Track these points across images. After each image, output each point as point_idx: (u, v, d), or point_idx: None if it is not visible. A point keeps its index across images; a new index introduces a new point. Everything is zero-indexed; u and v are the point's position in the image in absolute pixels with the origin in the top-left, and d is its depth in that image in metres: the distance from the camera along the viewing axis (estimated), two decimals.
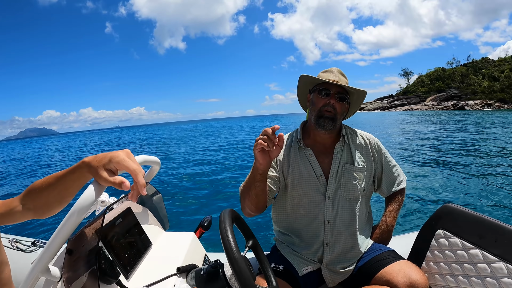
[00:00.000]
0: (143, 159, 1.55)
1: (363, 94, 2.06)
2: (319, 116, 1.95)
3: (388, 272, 1.84)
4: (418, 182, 10.43)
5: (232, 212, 1.41)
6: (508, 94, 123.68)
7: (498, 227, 1.56)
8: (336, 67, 2.07)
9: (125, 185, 0.89)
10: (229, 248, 1.20)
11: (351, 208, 2.01)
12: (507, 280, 1.46)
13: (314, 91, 2.01)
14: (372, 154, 2.11)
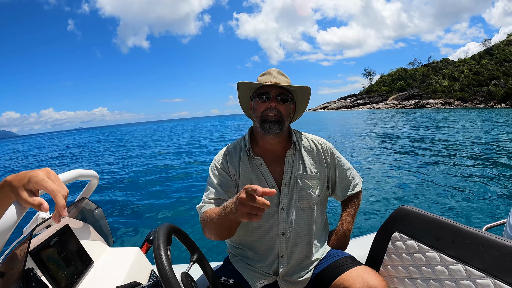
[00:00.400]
0: (78, 174, 1.46)
1: (307, 91, 1.97)
2: (263, 120, 1.85)
3: (346, 278, 1.81)
4: (376, 183, 10.58)
5: (170, 227, 1.35)
6: (468, 93, 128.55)
7: (455, 228, 1.55)
8: (275, 68, 1.97)
9: (44, 207, 0.85)
10: (160, 266, 1.15)
11: (306, 218, 1.95)
12: (465, 282, 1.45)
13: (254, 97, 1.91)
14: (324, 159, 2.05)
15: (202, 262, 1.54)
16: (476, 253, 1.44)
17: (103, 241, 1.81)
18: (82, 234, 1.64)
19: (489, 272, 1.37)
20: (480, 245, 1.42)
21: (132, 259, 1.67)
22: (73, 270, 1.39)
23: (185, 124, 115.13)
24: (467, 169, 11.96)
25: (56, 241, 1.38)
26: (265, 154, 1.97)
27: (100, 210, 1.89)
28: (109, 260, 1.66)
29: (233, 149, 2.01)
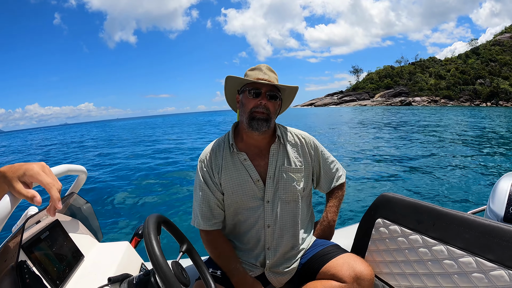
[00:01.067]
0: (66, 169, 1.46)
1: (295, 90, 2.01)
2: (251, 118, 1.87)
3: (333, 266, 1.85)
4: (358, 174, 10.70)
5: (159, 217, 1.37)
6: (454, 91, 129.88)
7: (435, 211, 1.61)
8: (265, 64, 1.99)
9: (37, 200, 0.86)
10: (152, 253, 1.16)
11: (291, 210, 1.99)
12: (448, 262, 1.51)
13: (243, 92, 1.92)
14: (308, 153, 2.08)
15: (191, 253, 1.56)
16: (456, 233, 1.50)
17: (92, 236, 1.83)
18: (72, 229, 1.65)
19: (470, 250, 1.43)
20: (460, 225, 1.49)
21: (122, 253, 1.68)
22: (64, 264, 1.40)
23: (173, 119, 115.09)
24: (449, 159, 12.23)
25: (47, 235, 1.39)
26: (249, 149, 2.00)
27: (89, 206, 1.89)
28: (99, 254, 1.67)
29: (217, 147, 2.04)
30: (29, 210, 1.67)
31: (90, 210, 1.90)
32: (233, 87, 2.02)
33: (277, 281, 2.00)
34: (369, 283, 1.78)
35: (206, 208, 1.95)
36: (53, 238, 1.41)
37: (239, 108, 1.98)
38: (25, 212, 1.66)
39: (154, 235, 1.22)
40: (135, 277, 1.40)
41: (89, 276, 1.45)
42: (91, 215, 1.90)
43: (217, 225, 1.98)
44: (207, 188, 1.95)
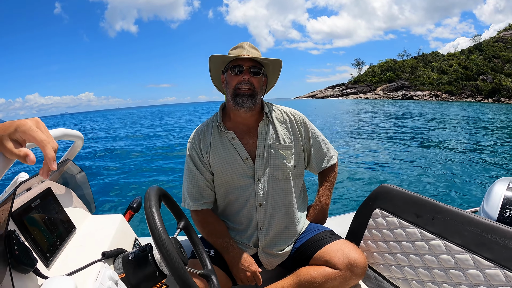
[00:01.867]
0: (63, 133, 1.41)
1: (278, 64, 1.98)
2: (236, 94, 1.87)
3: (327, 252, 1.87)
4: (357, 163, 10.69)
5: (159, 189, 1.33)
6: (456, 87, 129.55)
7: (435, 206, 1.63)
8: (247, 42, 1.99)
9: (30, 158, 0.79)
10: (154, 228, 1.12)
11: (283, 188, 1.99)
12: (445, 257, 1.54)
13: (227, 70, 1.93)
14: (298, 130, 2.07)
15: (189, 230, 1.53)
16: (455, 230, 1.52)
17: (85, 208, 1.78)
18: (64, 200, 1.60)
19: (468, 247, 1.46)
20: (460, 222, 1.51)
21: (115, 226, 1.63)
22: (55, 235, 1.34)
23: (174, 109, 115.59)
24: (449, 155, 12.18)
25: (38, 203, 1.33)
26: (237, 128, 2.00)
27: (83, 175, 1.85)
28: (91, 227, 1.63)
29: (206, 127, 2.04)
30: (19, 176, 1.63)
31: (84, 179, 1.86)
32: (217, 68, 2.02)
33: (269, 263, 2.01)
34: (362, 271, 1.79)
35: (194, 188, 1.96)
36: (44, 207, 1.36)
37: (224, 87, 1.99)
38: (15, 178, 1.61)
39: (156, 208, 1.18)
40: (130, 253, 1.37)
41: (81, 249, 1.39)
42: (85, 185, 1.85)
43: (206, 204, 1.99)
44: (195, 169, 1.96)
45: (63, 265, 1.26)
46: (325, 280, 1.78)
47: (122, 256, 1.38)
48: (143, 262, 1.32)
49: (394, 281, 1.81)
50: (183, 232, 1.52)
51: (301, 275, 1.86)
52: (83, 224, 1.63)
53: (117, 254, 1.39)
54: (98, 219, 1.72)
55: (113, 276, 1.20)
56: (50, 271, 1.20)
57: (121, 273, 1.31)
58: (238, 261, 1.88)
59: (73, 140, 1.71)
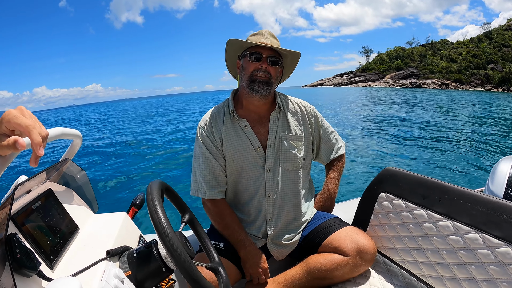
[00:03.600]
0: (60, 132, 1.39)
1: (297, 56, 1.96)
2: (252, 80, 1.84)
3: (335, 239, 1.86)
4: (361, 150, 10.68)
5: (162, 183, 1.30)
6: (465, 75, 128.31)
7: (441, 186, 1.61)
8: (267, 29, 1.94)
9: (19, 143, 0.77)
10: (157, 222, 1.09)
11: (292, 179, 1.98)
12: (454, 237, 1.51)
13: (244, 56, 1.89)
14: (308, 122, 2.06)
15: (193, 223, 1.51)
16: (463, 209, 1.49)
17: (87, 207, 1.77)
18: (65, 200, 1.59)
19: (477, 226, 1.43)
20: (467, 201, 1.48)
21: (119, 224, 1.63)
22: (58, 236, 1.33)
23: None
24: (453, 141, 12.09)
25: (39, 205, 1.32)
26: (249, 116, 1.97)
27: (84, 174, 1.83)
28: (95, 226, 1.62)
29: (217, 113, 2.00)
30: (19, 179, 1.62)
31: (85, 178, 1.84)
32: (234, 52, 1.98)
33: (279, 253, 1.99)
34: (371, 257, 1.78)
35: (210, 175, 1.92)
36: (45, 209, 1.35)
37: (239, 73, 1.95)
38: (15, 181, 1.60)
39: (159, 202, 1.15)
40: (135, 250, 1.36)
41: (85, 249, 1.39)
42: (86, 184, 1.84)
43: (222, 193, 1.96)
44: (209, 155, 1.92)
45: (68, 266, 1.25)
46: (335, 267, 1.77)
47: (127, 254, 1.36)
48: (148, 258, 1.30)
49: (403, 264, 1.79)
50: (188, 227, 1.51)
51: (310, 263, 1.84)
52: (86, 223, 1.62)
53: (122, 251, 1.38)
54: (101, 217, 1.72)
55: (118, 274, 1.19)
56: (54, 273, 1.19)
57: (127, 271, 1.30)
58: (252, 257, 1.86)
59: (71, 139, 1.69)
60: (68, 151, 1.77)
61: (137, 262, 1.31)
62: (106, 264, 1.25)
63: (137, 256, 1.33)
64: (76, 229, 1.49)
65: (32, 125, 0.78)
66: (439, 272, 1.59)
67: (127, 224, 1.69)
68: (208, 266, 1.36)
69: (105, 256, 1.29)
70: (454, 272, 1.52)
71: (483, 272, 1.41)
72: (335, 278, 1.80)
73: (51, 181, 1.62)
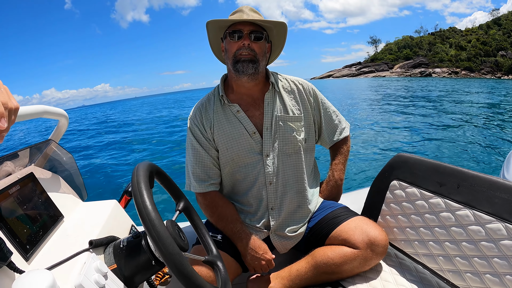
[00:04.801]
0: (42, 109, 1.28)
1: (282, 27, 1.82)
2: (236, 61, 1.72)
3: (344, 230, 1.76)
4: (370, 135, 10.62)
5: (151, 165, 1.17)
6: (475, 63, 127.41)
7: (459, 172, 1.49)
8: (248, 6, 1.82)
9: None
10: (141, 206, 0.95)
11: (294, 164, 1.86)
12: (474, 228, 1.40)
13: (226, 37, 1.77)
14: (307, 100, 1.92)
15: (189, 212, 1.37)
16: (484, 197, 1.37)
17: (75, 194, 1.66)
18: (51, 186, 1.49)
19: (499, 215, 1.32)
20: (489, 188, 1.36)
21: (108, 212, 1.51)
22: (38, 225, 1.22)
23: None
24: (466, 126, 11.98)
25: (16, 190, 1.21)
26: (241, 100, 1.86)
27: (71, 157, 1.72)
28: (82, 214, 1.50)
29: (207, 101, 1.90)
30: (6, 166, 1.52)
31: (72, 163, 1.73)
32: (216, 35, 1.87)
33: (282, 246, 1.89)
34: (383, 250, 1.67)
35: (199, 168, 1.83)
36: (24, 194, 1.23)
37: (224, 56, 1.84)
38: None
39: (145, 185, 1.00)
40: (122, 240, 1.23)
41: (67, 239, 1.27)
42: (74, 169, 1.73)
43: (213, 186, 1.85)
44: (199, 147, 1.82)
45: (47, 257, 1.14)
46: (344, 261, 1.67)
47: (114, 245, 1.25)
48: (136, 250, 1.18)
49: (417, 258, 1.68)
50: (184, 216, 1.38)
51: (317, 257, 1.74)
52: (73, 212, 1.51)
53: (107, 242, 1.27)
54: (89, 206, 1.60)
55: (100, 267, 1.07)
56: (30, 264, 1.08)
57: (112, 264, 1.19)
58: (252, 249, 1.75)
59: (57, 119, 1.57)
60: (54, 133, 1.67)
61: (123, 254, 1.20)
62: (88, 255, 1.13)
63: (124, 247, 1.21)
64: (60, 218, 1.37)
65: None
66: (458, 265, 1.47)
67: (116, 213, 1.57)
68: (204, 260, 1.23)
69: (87, 247, 1.17)
70: (475, 265, 1.40)
71: (507, 265, 1.29)
72: (344, 272, 1.70)
73: (35, 165, 1.52)
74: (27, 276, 0.85)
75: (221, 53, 1.92)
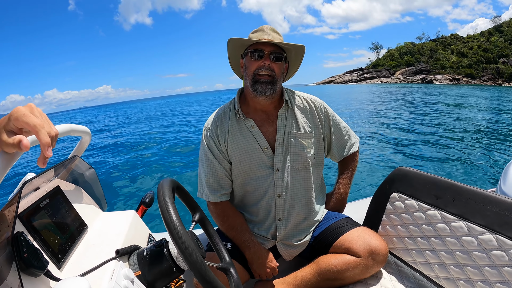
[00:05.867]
0: (69, 128, 1.38)
1: (301, 50, 1.89)
2: (255, 81, 1.79)
3: (347, 239, 1.84)
4: (372, 148, 10.64)
5: (173, 181, 1.28)
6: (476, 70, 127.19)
7: (455, 186, 1.59)
8: (268, 25, 1.88)
9: (23, 144, 0.74)
10: (169, 221, 1.06)
11: (303, 178, 1.94)
12: (467, 238, 1.50)
13: (246, 55, 1.83)
14: (318, 118, 2.00)
15: (204, 222, 1.48)
16: (477, 210, 1.47)
17: (96, 205, 1.77)
18: (74, 198, 1.58)
19: (491, 227, 1.41)
20: (481, 202, 1.46)
21: (129, 222, 1.61)
22: (66, 235, 1.32)
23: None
24: (466, 140, 11.97)
25: (47, 203, 1.31)
26: (256, 115, 1.93)
27: (93, 171, 1.83)
28: (104, 224, 1.61)
29: (223, 114, 1.96)
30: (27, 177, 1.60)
31: (94, 176, 1.84)
32: (236, 52, 1.93)
33: (288, 254, 1.98)
34: (383, 258, 1.76)
35: (213, 179, 1.91)
36: (54, 207, 1.33)
37: (243, 73, 1.90)
38: (23, 179, 1.59)
39: (170, 201, 1.12)
40: (145, 249, 1.35)
41: (94, 248, 1.37)
42: (95, 182, 1.83)
43: (225, 196, 1.94)
44: (213, 158, 1.90)
45: (76, 265, 1.24)
46: (347, 268, 1.76)
47: (137, 253, 1.35)
48: (159, 258, 1.29)
49: (415, 266, 1.77)
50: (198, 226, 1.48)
51: (321, 264, 1.83)
52: (95, 222, 1.61)
53: (131, 251, 1.37)
54: (110, 216, 1.71)
55: (128, 274, 1.18)
56: (62, 272, 1.18)
57: (136, 271, 1.29)
58: (259, 257, 1.85)
59: (80, 136, 1.67)
60: (77, 148, 1.77)
61: (147, 262, 1.30)
62: (116, 263, 1.24)
63: (147, 255, 1.32)
64: (85, 228, 1.48)
65: (40, 124, 0.75)
66: (452, 273, 1.57)
67: (136, 223, 1.68)
68: (219, 266, 1.34)
69: (114, 256, 1.27)
70: (467, 273, 1.50)
71: (497, 274, 1.39)
72: (346, 279, 1.79)
73: (59, 179, 1.62)
74: (65, 283, 0.95)
75: (239, 68, 1.98)
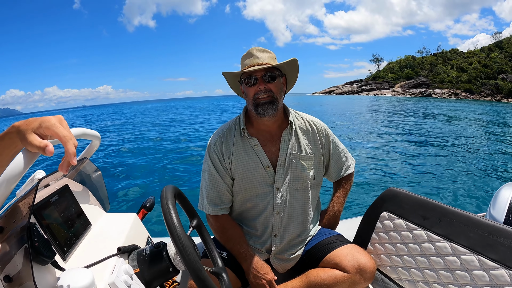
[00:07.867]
0: (82, 132, 1.47)
1: (293, 62, 1.90)
2: (256, 105, 1.85)
3: (337, 255, 1.89)
4: (364, 168, 10.66)
5: (175, 188, 1.37)
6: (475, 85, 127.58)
7: (441, 208, 1.66)
8: (256, 46, 1.93)
9: (49, 149, 0.83)
10: (170, 222, 1.16)
11: (301, 198, 2.01)
12: (451, 258, 1.56)
13: (242, 83, 1.90)
14: (319, 140, 2.07)
15: (201, 229, 1.57)
16: (461, 231, 1.54)
17: (99, 205, 1.86)
18: (80, 197, 1.68)
19: (473, 248, 1.48)
20: (465, 223, 1.53)
21: (129, 224, 1.73)
22: (72, 230, 1.43)
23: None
24: (458, 160, 11.99)
25: (56, 199, 1.41)
26: (260, 134, 1.99)
27: (99, 174, 1.93)
28: (106, 224, 1.72)
29: (228, 131, 2.02)
30: (36, 174, 1.69)
31: (100, 178, 1.93)
32: (233, 80, 2.01)
33: (281, 267, 2.04)
34: (371, 275, 1.83)
35: (214, 193, 1.97)
36: (62, 203, 1.44)
37: (245, 98, 1.96)
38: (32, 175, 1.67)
39: (173, 204, 1.22)
40: (144, 249, 1.44)
41: (97, 244, 1.48)
42: (100, 184, 1.93)
43: (225, 210, 2.00)
44: (216, 173, 1.96)
45: (80, 258, 1.35)
46: (334, 283, 1.81)
47: (137, 252, 1.45)
48: (157, 258, 1.38)
49: (401, 283, 1.84)
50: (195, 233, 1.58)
51: (310, 277, 1.89)
52: (98, 221, 1.72)
53: (131, 250, 1.47)
54: (112, 217, 1.81)
55: (128, 270, 1.29)
56: (67, 264, 1.29)
57: (135, 268, 1.38)
58: (255, 269, 1.89)
59: (90, 140, 1.75)
60: (87, 150, 1.86)
61: (146, 261, 1.40)
62: (117, 260, 1.35)
63: (146, 255, 1.41)
64: (89, 225, 1.58)
65: (69, 136, 0.87)
66: None
67: (137, 225, 1.79)
68: (212, 271, 1.43)
69: (116, 253, 1.38)
70: None
71: None
72: None
73: (68, 178, 1.72)
74: (71, 272, 1.06)
75: (241, 93, 2.01)
